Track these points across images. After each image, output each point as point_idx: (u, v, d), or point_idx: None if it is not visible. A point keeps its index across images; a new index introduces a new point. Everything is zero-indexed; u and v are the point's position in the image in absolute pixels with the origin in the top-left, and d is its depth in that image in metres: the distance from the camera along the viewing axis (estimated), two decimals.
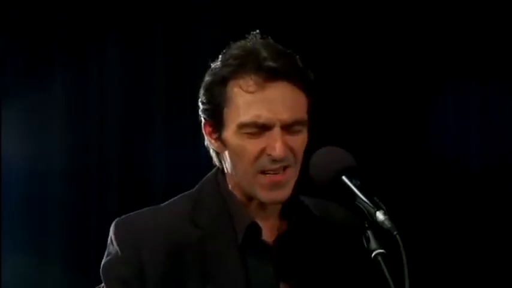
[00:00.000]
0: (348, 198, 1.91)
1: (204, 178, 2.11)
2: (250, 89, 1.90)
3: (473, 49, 4.09)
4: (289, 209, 2.05)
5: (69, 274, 4.03)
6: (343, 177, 1.93)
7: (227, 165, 2.02)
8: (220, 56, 1.99)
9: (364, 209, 1.87)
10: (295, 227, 2.05)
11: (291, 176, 1.98)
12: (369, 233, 1.86)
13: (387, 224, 1.84)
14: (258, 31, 2.02)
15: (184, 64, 3.91)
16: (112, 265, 2.03)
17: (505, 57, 4.07)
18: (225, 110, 1.94)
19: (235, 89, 1.91)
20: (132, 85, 4.03)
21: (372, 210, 1.86)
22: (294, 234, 2.05)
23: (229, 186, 2.04)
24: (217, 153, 2.04)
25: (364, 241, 1.86)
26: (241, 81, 1.91)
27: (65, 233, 4.05)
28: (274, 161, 1.94)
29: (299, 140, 1.97)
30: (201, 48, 3.96)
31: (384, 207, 1.86)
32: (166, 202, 2.12)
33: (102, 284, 2.07)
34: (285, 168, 1.96)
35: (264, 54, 1.91)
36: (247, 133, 1.93)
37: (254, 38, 1.98)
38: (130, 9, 4.00)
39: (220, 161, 2.04)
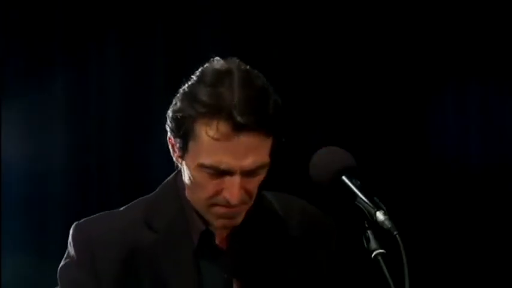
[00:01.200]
0: (348, 198, 1.91)
1: (164, 181, 2.12)
2: (216, 136, 1.86)
3: (473, 49, 4.09)
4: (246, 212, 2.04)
5: None
6: (343, 177, 1.93)
7: (185, 179, 2.01)
8: (196, 77, 1.96)
9: (364, 209, 1.87)
10: (249, 229, 2.05)
11: (244, 209, 1.99)
12: (369, 233, 1.86)
13: (387, 224, 1.84)
14: (236, 58, 1.97)
15: (184, 64, 3.91)
16: (68, 268, 2.06)
17: (505, 57, 4.07)
18: (190, 143, 1.92)
19: (203, 131, 1.88)
20: (132, 85, 4.03)
21: (372, 210, 1.86)
22: (247, 237, 2.05)
23: (186, 191, 2.04)
24: None
25: (364, 241, 1.86)
26: (208, 126, 1.87)
27: (65, 233, 4.04)
28: (228, 202, 1.93)
29: (257, 182, 1.96)
30: (201, 48, 3.95)
31: (384, 207, 1.86)
32: (125, 206, 2.13)
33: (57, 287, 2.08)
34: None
35: (236, 105, 1.85)
36: (207, 173, 1.91)
37: (230, 79, 1.89)
38: (130, 9, 4.00)
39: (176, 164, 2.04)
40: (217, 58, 1.99)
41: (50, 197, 4.05)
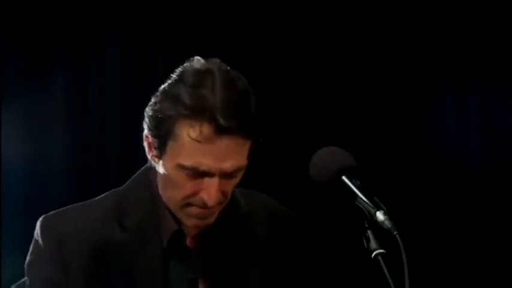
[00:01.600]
0: (348, 198, 1.91)
1: (135, 175, 2.12)
2: (198, 138, 1.86)
3: (473, 49, 4.09)
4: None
5: None
6: (343, 177, 1.93)
7: (160, 178, 2.00)
8: (177, 77, 1.98)
9: (364, 209, 1.88)
10: (218, 230, 2.04)
11: (218, 209, 1.99)
12: (369, 233, 1.86)
13: (387, 224, 1.84)
14: (218, 59, 1.97)
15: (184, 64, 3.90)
16: (36, 263, 2.05)
17: (505, 57, 4.07)
18: (170, 142, 1.91)
19: (184, 132, 1.88)
20: (132, 85, 4.03)
21: (372, 210, 1.86)
22: (215, 237, 2.05)
23: (159, 189, 2.03)
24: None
25: (364, 241, 1.87)
26: (190, 127, 1.87)
27: None
28: (204, 203, 1.93)
29: (233, 183, 1.97)
30: (201, 48, 3.95)
31: (384, 207, 1.87)
32: (95, 198, 2.13)
33: (25, 278, 2.07)
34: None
35: (219, 108, 1.85)
36: (186, 173, 1.91)
37: (212, 80, 1.90)
38: (131, 9, 4.00)
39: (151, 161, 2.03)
40: (197, 58, 2.01)
41: (50, 197, 4.05)
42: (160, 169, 1.97)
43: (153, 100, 2.01)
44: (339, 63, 4.04)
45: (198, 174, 1.91)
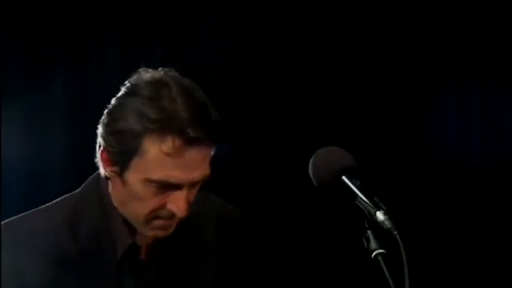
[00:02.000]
0: (348, 198, 1.91)
1: (87, 182, 2.10)
2: (168, 151, 1.82)
3: (473, 49, 4.09)
4: None
5: None
6: (343, 177, 1.93)
7: (114, 191, 1.97)
8: (128, 90, 1.95)
9: (364, 209, 1.88)
10: (171, 237, 2.00)
11: (181, 219, 1.95)
12: (369, 233, 1.86)
13: (387, 224, 1.84)
14: (172, 69, 1.95)
15: (184, 64, 3.90)
16: None
17: (505, 57, 4.07)
18: (135, 158, 1.87)
19: (151, 146, 1.84)
20: None
21: (372, 210, 1.87)
22: (165, 248, 2.03)
23: (113, 201, 1.99)
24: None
25: (364, 241, 1.87)
26: (160, 142, 1.83)
27: None
28: (172, 214, 1.91)
29: (196, 192, 1.94)
30: (201, 48, 3.95)
31: (384, 207, 1.87)
32: (51, 203, 2.12)
33: None
34: None
35: (185, 118, 1.82)
36: (154, 187, 1.88)
37: (169, 91, 1.86)
38: (130, 10, 4.00)
39: (106, 175, 1.98)
40: (144, 68, 1.98)
41: (50, 197, 4.04)
42: (118, 184, 1.93)
43: (108, 115, 1.97)
44: (339, 63, 4.04)
45: (166, 187, 1.87)
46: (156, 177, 1.86)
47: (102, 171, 2.01)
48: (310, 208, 3.85)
